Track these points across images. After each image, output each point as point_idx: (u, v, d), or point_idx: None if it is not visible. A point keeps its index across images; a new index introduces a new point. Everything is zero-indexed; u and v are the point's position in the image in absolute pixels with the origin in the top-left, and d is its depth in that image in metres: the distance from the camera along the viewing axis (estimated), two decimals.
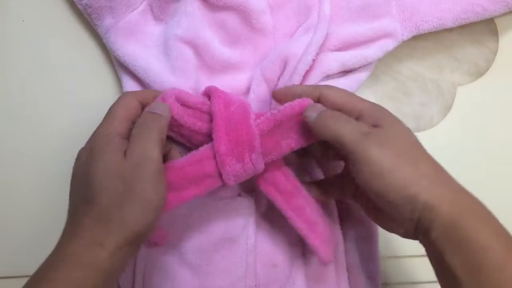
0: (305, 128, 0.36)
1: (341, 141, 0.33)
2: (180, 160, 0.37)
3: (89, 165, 0.33)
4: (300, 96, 0.37)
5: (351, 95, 0.37)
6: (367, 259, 0.43)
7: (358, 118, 0.35)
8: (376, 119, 0.34)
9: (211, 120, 0.38)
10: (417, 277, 0.45)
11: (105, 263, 0.30)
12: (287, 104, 0.36)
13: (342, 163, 0.40)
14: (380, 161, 0.31)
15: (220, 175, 0.36)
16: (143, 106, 0.37)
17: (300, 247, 0.42)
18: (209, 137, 0.38)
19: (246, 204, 0.42)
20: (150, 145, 0.33)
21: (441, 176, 0.32)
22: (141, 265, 0.41)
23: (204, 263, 0.41)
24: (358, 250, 0.43)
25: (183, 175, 0.36)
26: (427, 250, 0.32)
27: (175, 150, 0.40)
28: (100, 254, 0.30)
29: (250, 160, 0.36)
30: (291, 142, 0.37)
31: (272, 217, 0.43)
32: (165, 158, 0.39)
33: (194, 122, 0.38)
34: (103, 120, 0.36)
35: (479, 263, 0.29)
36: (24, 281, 0.30)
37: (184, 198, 0.36)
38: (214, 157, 0.36)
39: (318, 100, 0.37)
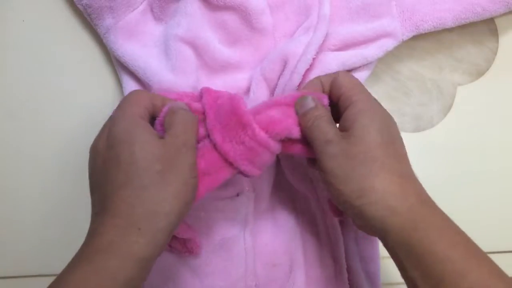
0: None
1: (311, 143, 0.35)
2: None
3: (118, 149, 0.32)
4: (322, 89, 0.38)
5: (355, 84, 0.37)
6: (367, 259, 0.43)
7: (345, 109, 0.35)
8: (351, 121, 0.34)
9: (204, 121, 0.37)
10: None
11: (142, 250, 0.29)
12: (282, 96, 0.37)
13: None
14: (333, 172, 0.33)
15: (230, 164, 0.35)
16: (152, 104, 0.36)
17: (300, 247, 0.42)
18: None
19: (244, 204, 0.42)
20: (190, 136, 0.34)
21: (400, 186, 0.32)
22: None
23: (204, 263, 0.41)
24: (358, 250, 0.43)
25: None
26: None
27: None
28: (137, 240, 0.29)
29: (250, 138, 0.35)
30: (290, 122, 0.36)
31: (271, 217, 0.43)
32: None
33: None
34: (117, 109, 0.35)
35: (440, 275, 0.29)
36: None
37: (200, 193, 0.35)
38: (215, 149, 0.35)
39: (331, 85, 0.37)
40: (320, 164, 0.34)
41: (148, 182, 0.31)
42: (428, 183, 0.34)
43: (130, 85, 0.44)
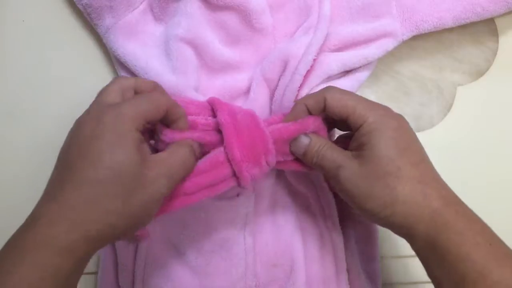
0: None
1: (323, 173, 0.37)
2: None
3: (102, 146, 0.30)
4: (308, 111, 0.37)
5: (356, 102, 0.35)
6: (367, 259, 0.43)
7: (356, 129, 0.35)
8: (364, 139, 0.34)
9: (217, 134, 0.37)
10: (417, 277, 0.45)
11: (83, 250, 0.29)
12: (300, 121, 0.37)
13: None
14: (352, 192, 0.34)
15: (236, 177, 0.36)
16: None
17: (300, 247, 0.42)
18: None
19: (244, 204, 0.42)
20: (179, 176, 0.33)
21: (422, 192, 0.33)
22: (140, 265, 0.41)
23: (204, 263, 0.41)
24: (358, 250, 0.43)
25: (197, 182, 0.35)
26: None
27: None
28: (81, 240, 0.29)
29: (267, 163, 0.37)
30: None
31: (272, 217, 0.43)
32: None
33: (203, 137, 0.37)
34: (127, 105, 0.33)
35: (462, 274, 0.30)
36: None
37: (193, 200, 0.36)
38: (228, 161, 0.36)
39: (324, 109, 0.37)
40: (337, 187, 0.35)
41: (119, 192, 0.30)
42: None
43: None
